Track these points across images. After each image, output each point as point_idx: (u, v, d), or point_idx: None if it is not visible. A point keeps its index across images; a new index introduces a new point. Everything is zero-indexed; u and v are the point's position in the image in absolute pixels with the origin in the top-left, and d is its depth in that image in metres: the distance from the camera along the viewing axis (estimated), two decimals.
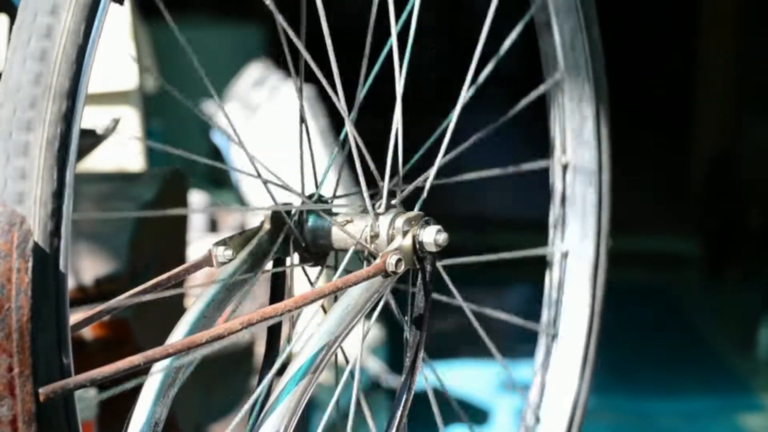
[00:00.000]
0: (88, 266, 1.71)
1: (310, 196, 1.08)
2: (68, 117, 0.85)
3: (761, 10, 5.85)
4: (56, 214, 0.84)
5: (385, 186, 1.07)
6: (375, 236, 1.05)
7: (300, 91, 1.08)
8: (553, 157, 1.37)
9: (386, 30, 1.07)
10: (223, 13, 4.99)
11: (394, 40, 1.07)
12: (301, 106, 1.08)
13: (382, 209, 1.07)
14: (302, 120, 1.09)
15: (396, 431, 1.03)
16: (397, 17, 1.08)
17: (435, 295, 1.09)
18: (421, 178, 1.11)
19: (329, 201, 1.09)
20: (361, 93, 1.09)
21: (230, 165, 3.59)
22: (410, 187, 1.09)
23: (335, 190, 1.11)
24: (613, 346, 2.88)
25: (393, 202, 1.07)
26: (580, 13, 1.33)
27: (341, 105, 1.04)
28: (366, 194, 1.06)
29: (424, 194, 1.10)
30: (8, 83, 0.85)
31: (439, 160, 1.12)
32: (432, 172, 1.11)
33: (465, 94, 1.13)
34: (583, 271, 1.38)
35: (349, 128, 1.06)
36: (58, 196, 0.84)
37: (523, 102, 1.27)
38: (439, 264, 1.07)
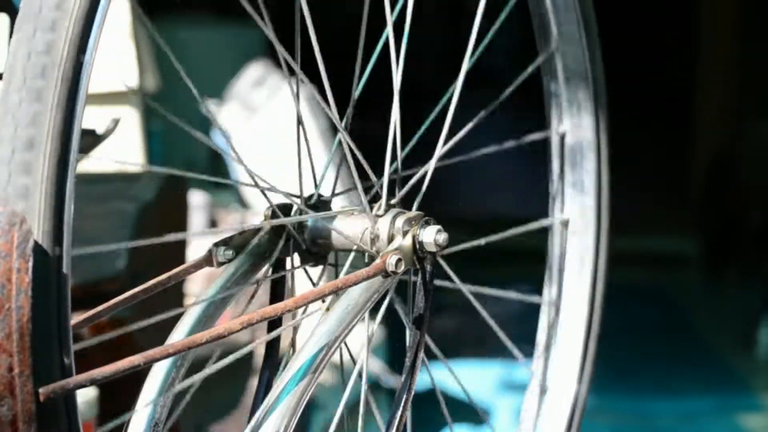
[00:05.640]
0: (88, 266, 1.71)
1: (309, 197, 1.08)
2: (70, 116, 0.85)
3: (761, 11, 5.85)
4: (57, 214, 0.84)
5: (384, 186, 1.07)
6: (375, 236, 1.05)
7: (297, 96, 1.08)
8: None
9: (381, 30, 1.07)
10: (223, 13, 4.99)
11: (391, 39, 1.08)
12: (299, 114, 1.08)
13: (381, 209, 1.07)
14: (299, 122, 1.09)
15: (396, 431, 1.03)
16: (393, 13, 1.08)
17: (438, 282, 1.09)
18: (416, 177, 1.11)
19: (329, 200, 1.09)
20: (355, 94, 1.09)
21: (230, 166, 3.60)
22: (406, 188, 1.09)
23: (334, 188, 1.11)
24: (613, 346, 2.88)
25: (392, 201, 1.07)
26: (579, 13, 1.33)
27: (333, 113, 1.04)
28: (363, 195, 1.06)
29: (423, 189, 1.10)
30: (10, 82, 0.85)
31: (434, 160, 1.12)
32: (431, 167, 1.11)
33: (459, 82, 1.13)
34: (582, 269, 1.38)
35: (342, 136, 1.06)
36: (58, 195, 0.84)
37: (521, 77, 1.27)
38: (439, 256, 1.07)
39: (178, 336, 1.00)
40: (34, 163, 0.83)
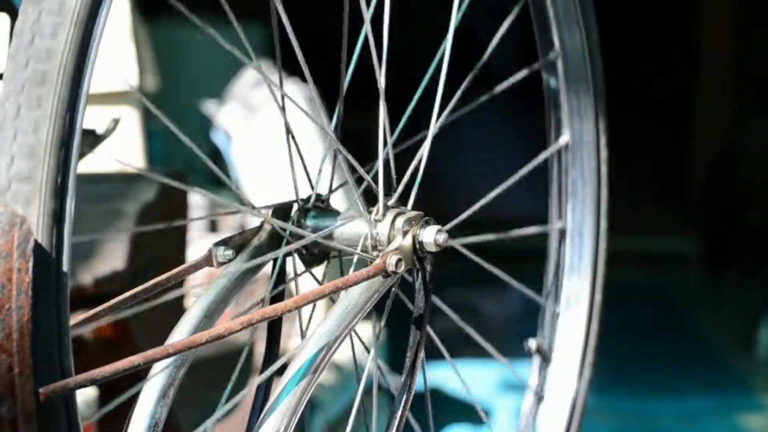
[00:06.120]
0: (88, 266, 1.71)
1: (308, 198, 1.08)
2: (71, 116, 0.85)
3: (761, 10, 5.85)
4: (57, 214, 0.84)
5: (380, 186, 1.07)
6: (375, 236, 1.05)
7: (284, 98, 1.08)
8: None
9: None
10: (223, 13, 4.99)
11: (370, 37, 1.08)
12: (286, 120, 1.08)
13: (382, 209, 1.06)
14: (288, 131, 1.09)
15: (396, 431, 1.03)
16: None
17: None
18: (412, 166, 1.11)
19: (326, 199, 1.09)
20: (341, 96, 1.09)
21: (230, 166, 3.59)
22: (402, 183, 1.09)
23: (330, 185, 1.11)
24: (613, 346, 2.88)
25: (390, 202, 1.07)
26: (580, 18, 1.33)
27: (322, 118, 1.04)
28: (360, 201, 1.06)
29: (418, 178, 1.10)
30: (11, 83, 0.85)
31: (425, 154, 1.12)
32: (422, 163, 1.11)
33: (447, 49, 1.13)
34: (582, 267, 1.38)
35: (333, 142, 1.06)
36: (59, 195, 0.84)
37: (516, 77, 1.27)
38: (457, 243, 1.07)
39: (178, 336, 1.00)
40: (35, 163, 0.84)
